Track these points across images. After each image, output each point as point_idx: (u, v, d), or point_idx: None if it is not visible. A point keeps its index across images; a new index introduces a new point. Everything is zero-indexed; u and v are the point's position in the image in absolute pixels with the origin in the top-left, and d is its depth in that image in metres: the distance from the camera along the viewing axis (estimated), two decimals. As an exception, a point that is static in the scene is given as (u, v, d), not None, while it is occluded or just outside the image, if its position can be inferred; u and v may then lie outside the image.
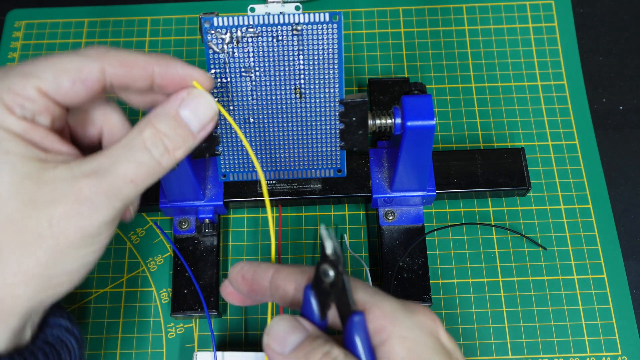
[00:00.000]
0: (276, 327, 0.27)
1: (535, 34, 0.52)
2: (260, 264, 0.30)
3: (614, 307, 0.43)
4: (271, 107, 0.36)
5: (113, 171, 0.27)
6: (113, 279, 0.45)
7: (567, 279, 0.44)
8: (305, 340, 0.26)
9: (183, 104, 0.29)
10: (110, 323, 0.43)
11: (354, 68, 0.51)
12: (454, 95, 0.50)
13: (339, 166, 0.39)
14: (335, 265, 0.25)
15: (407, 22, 0.53)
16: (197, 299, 0.42)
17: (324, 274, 0.26)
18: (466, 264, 0.44)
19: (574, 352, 0.42)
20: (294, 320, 0.27)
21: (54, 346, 0.29)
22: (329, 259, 0.25)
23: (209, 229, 0.43)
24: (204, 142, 0.37)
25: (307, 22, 0.34)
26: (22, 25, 0.54)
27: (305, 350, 0.26)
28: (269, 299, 0.30)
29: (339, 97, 0.36)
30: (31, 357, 0.27)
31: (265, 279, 0.29)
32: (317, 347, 0.25)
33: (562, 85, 0.50)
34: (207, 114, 0.30)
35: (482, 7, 0.53)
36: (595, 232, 0.45)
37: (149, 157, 0.28)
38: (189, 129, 0.29)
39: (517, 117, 0.49)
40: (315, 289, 0.27)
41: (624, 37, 0.52)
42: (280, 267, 0.29)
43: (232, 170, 0.38)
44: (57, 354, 0.29)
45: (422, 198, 0.43)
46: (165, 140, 0.28)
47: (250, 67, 0.35)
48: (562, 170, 0.47)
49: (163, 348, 0.43)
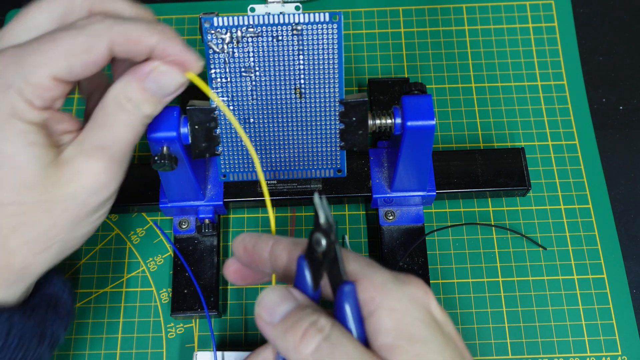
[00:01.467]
0: (266, 297, 0.27)
1: (535, 34, 0.52)
2: (261, 235, 0.30)
3: (614, 307, 0.43)
4: (271, 107, 0.36)
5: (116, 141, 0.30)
6: (113, 279, 0.45)
7: (567, 279, 0.44)
8: (294, 310, 0.26)
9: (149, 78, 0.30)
10: (110, 323, 0.43)
11: (354, 68, 0.51)
12: (454, 95, 0.50)
13: (339, 166, 0.39)
14: (328, 234, 0.25)
15: (407, 22, 0.53)
16: (197, 299, 0.42)
17: (317, 243, 0.26)
18: (466, 264, 0.44)
19: (574, 352, 0.42)
20: (284, 290, 0.27)
21: (51, 298, 0.33)
22: (322, 227, 0.25)
23: (209, 229, 0.43)
24: (204, 142, 0.37)
25: (307, 22, 0.34)
26: (22, 25, 0.54)
27: (293, 319, 0.25)
28: (270, 272, 0.30)
29: (339, 97, 0.36)
30: (37, 309, 0.32)
31: (265, 250, 0.29)
32: (304, 316, 0.25)
33: (562, 85, 0.50)
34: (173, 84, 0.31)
35: (482, 7, 0.53)
36: (595, 232, 0.45)
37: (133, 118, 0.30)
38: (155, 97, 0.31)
39: (517, 117, 0.49)
40: (308, 259, 0.27)
41: (624, 37, 0.52)
42: (279, 238, 0.29)
43: (232, 171, 0.38)
44: (55, 306, 0.33)
45: (422, 198, 0.43)
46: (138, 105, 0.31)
47: (250, 67, 0.35)
48: (562, 170, 0.47)
49: (163, 348, 0.43)
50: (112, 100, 0.30)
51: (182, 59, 0.30)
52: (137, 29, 0.29)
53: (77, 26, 0.28)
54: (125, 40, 0.28)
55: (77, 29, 0.28)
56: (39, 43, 0.28)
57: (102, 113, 0.30)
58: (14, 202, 0.28)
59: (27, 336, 0.30)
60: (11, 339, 0.29)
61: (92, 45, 0.28)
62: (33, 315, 0.31)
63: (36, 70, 0.28)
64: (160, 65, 0.30)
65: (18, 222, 0.29)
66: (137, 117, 0.31)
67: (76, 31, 0.28)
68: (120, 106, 0.30)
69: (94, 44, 0.28)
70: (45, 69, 0.28)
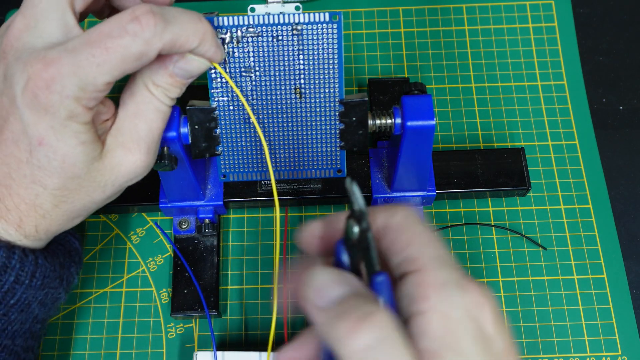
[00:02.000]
0: (317, 278, 0.24)
1: (535, 34, 0.52)
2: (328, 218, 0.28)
3: (614, 307, 0.43)
4: (271, 107, 0.36)
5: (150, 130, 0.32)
6: (113, 279, 0.45)
7: (567, 279, 0.44)
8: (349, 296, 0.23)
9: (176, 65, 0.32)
10: (110, 323, 0.43)
11: (354, 68, 0.51)
12: (454, 95, 0.50)
13: (339, 166, 0.39)
14: (359, 221, 0.24)
15: (407, 22, 0.53)
16: (197, 299, 0.42)
17: (350, 230, 0.24)
18: (466, 264, 0.44)
19: (574, 352, 0.42)
20: (338, 273, 0.24)
21: (64, 245, 0.37)
22: (355, 214, 0.24)
23: (209, 229, 0.43)
24: (204, 142, 0.37)
25: (307, 22, 0.34)
26: (22, 25, 0.54)
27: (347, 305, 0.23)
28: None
29: (339, 97, 0.36)
30: (56, 254, 0.35)
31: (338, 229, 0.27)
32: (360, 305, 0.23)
33: (562, 85, 0.50)
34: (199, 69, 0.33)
35: (482, 7, 0.53)
36: (595, 232, 0.45)
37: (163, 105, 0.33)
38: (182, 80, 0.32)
39: (517, 117, 0.49)
40: (346, 244, 0.25)
41: (624, 37, 0.52)
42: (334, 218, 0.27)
43: (232, 171, 0.38)
44: (68, 253, 0.37)
45: (422, 198, 0.43)
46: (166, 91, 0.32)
47: (251, 67, 0.35)
48: (562, 170, 0.47)
49: (163, 348, 0.43)
50: (142, 88, 0.32)
51: (210, 57, 0.32)
52: (184, 35, 0.30)
53: (128, 31, 0.28)
54: (171, 47, 0.30)
55: (130, 35, 0.28)
56: (91, 52, 0.28)
57: (133, 101, 0.32)
58: (59, 187, 0.31)
59: (49, 277, 0.34)
60: (36, 279, 0.33)
61: (146, 53, 0.29)
62: (54, 259, 0.35)
63: (93, 82, 0.29)
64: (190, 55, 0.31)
65: (61, 200, 0.32)
66: (166, 102, 0.32)
67: (129, 38, 0.28)
68: (150, 92, 0.32)
69: (147, 52, 0.29)
70: (101, 79, 0.29)
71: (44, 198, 0.32)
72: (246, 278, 0.44)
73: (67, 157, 0.30)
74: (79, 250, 0.38)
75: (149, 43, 0.29)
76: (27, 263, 0.33)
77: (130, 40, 0.28)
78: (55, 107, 0.29)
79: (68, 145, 0.30)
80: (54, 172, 0.31)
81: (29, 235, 0.33)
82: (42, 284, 0.34)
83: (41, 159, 0.30)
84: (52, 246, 0.36)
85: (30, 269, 0.33)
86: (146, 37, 0.28)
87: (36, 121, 0.29)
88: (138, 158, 0.32)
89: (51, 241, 0.36)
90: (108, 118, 0.32)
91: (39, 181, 0.31)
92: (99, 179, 0.32)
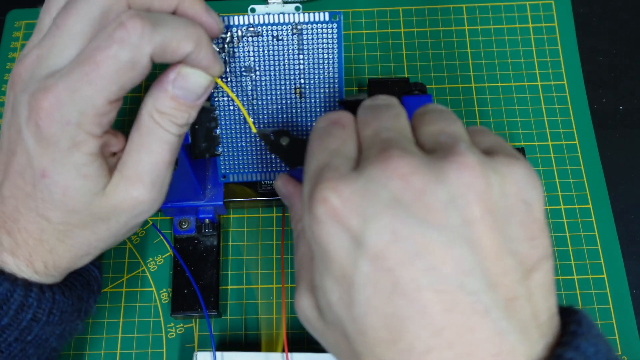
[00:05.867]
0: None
1: (535, 34, 0.52)
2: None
3: (614, 307, 0.43)
4: (271, 107, 0.36)
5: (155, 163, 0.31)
6: (113, 279, 0.45)
7: (567, 279, 0.44)
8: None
9: (175, 85, 0.30)
10: (110, 323, 0.43)
11: (354, 68, 0.51)
12: (454, 95, 0.50)
13: (339, 166, 0.39)
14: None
15: (407, 22, 0.53)
16: (196, 299, 0.42)
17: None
18: (466, 264, 0.44)
19: (574, 352, 0.42)
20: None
21: (83, 276, 0.36)
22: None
23: (209, 229, 0.43)
24: (204, 142, 0.37)
25: (307, 22, 0.34)
26: (22, 25, 0.54)
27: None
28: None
29: (339, 97, 0.36)
30: (74, 286, 0.34)
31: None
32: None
33: (562, 85, 0.50)
34: (200, 85, 0.31)
35: (482, 7, 0.53)
36: (595, 232, 0.45)
37: (169, 135, 0.31)
38: (186, 103, 0.30)
39: (517, 117, 0.49)
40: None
41: (624, 37, 0.52)
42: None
43: (232, 171, 0.38)
44: (87, 283, 0.36)
45: (422, 198, 0.43)
46: (171, 117, 0.30)
47: (251, 67, 0.35)
48: (562, 170, 0.47)
49: (163, 348, 0.43)
50: (146, 118, 0.30)
51: (207, 65, 0.30)
52: (175, 39, 0.28)
53: (114, 38, 0.27)
54: (163, 51, 0.28)
55: (117, 43, 0.27)
56: (83, 70, 0.27)
57: (137, 134, 0.30)
58: (62, 222, 0.30)
59: (67, 312, 0.33)
60: (53, 316, 0.32)
61: (136, 60, 0.27)
62: (72, 292, 0.34)
63: (92, 102, 0.28)
64: (183, 67, 0.30)
65: (66, 235, 0.31)
66: (172, 130, 0.31)
67: (117, 46, 0.27)
68: (155, 123, 0.30)
69: (137, 59, 0.27)
70: (99, 98, 0.28)
71: (49, 233, 0.31)
72: (246, 278, 0.44)
73: (67, 190, 0.29)
74: (99, 279, 0.37)
75: (138, 48, 0.27)
76: (45, 300, 0.32)
77: (118, 49, 0.27)
78: (57, 137, 0.28)
79: (68, 179, 0.29)
80: (57, 206, 0.30)
81: (39, 271, 0.32)
82: (60, 320, 0.33)
83: (44, 191, 0.29)
84: (70, 278, 0.35)
85: (47, 306, 0.32)
86: (134, 42, 0.27)
87: (40, 153, 0.28)
88: (141, 193, 0.31)
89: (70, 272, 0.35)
90: (118, 151, 0.31)
91: (43, 214, 0.30)
92: (102, 215, 0.31)
